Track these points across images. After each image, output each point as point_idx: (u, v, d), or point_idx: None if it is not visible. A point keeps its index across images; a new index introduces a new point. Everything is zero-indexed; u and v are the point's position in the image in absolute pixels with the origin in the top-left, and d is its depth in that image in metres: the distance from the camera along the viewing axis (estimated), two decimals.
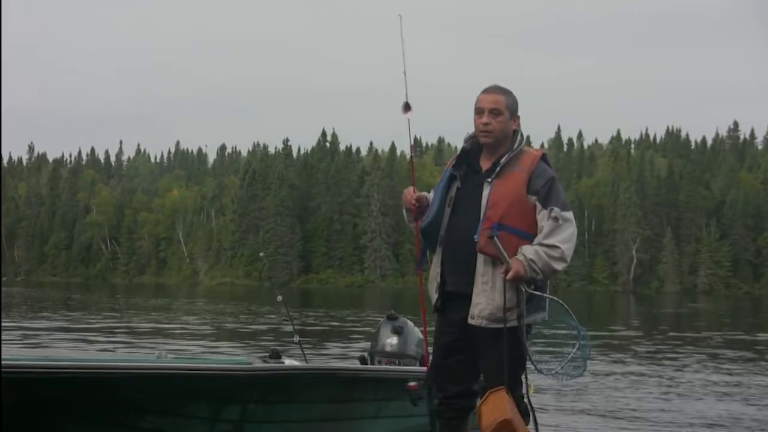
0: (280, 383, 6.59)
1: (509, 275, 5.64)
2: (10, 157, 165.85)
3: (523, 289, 5.71)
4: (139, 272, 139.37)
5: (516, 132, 5.99)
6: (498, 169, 5.85)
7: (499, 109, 5.88)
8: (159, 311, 37.59)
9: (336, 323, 30.17)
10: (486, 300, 5.75)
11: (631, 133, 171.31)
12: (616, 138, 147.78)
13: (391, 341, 7.71)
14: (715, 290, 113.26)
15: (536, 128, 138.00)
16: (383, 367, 7.43)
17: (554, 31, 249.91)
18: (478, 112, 5.94)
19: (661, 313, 50.07)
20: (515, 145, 5.93)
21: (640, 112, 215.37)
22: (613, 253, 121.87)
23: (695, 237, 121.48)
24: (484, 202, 5.80)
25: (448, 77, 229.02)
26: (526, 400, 5.89)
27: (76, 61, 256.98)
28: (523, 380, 5.92)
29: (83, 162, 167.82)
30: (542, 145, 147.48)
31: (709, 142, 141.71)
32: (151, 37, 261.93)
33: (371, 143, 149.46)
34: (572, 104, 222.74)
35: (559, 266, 5.72)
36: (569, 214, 5.83)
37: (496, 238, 5.66)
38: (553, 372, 5.89)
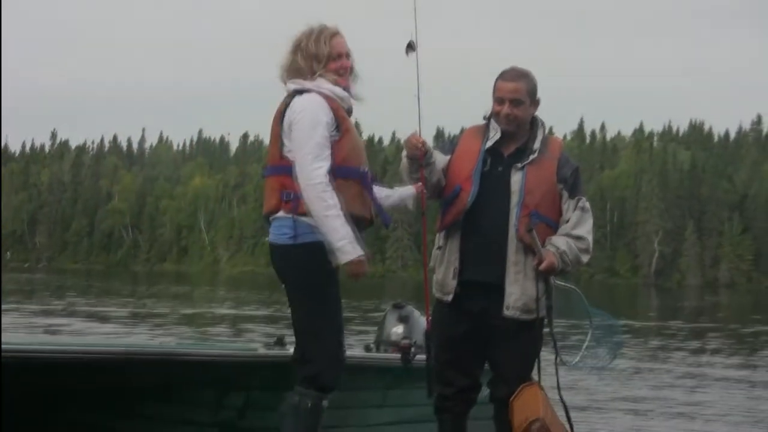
0: (284, 370, 6.53)
1: (543, 266, 5.50)
2: (33, 144, 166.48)
3: (552, 281, 5.65)
4: (160, 260, 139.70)
5: (536, 117, 5.80)
6: (533, 155, 5.67)
7: (519, 99, 5.65)
8: (178, 299, 37.66)
9: (351, 313, 30.09)
10: (519, 290, 5.59)
11: (654, 125, 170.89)
12: (639, 130, 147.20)
13: (397, 330, 7.60)
14: (737, 284, 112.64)
15: (559, 120, 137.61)
16: (387, 355, 7.33)
17: (577, 19, 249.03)
18: (498, 101, 5.71)
19: (681, 306, 49.93)
20: (540, 131, 5.77)
21: (664, 104, 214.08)
22: (635, 246, 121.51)
23: (717, 230, 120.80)
24: (516, 187, 5.61)
25: (478, 61, 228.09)
26: (558, 396, 5.69)
27: (97, 47, 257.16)
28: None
29: (105, 149, 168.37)
30: (564, 137, 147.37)
31: (732, 135, 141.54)
32: (174, 23, 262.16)
33: (393, 133, 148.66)
34: (595, 96, 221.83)
35: (585, 258, 5.66)
36: (589, 205, 5.74)
37: (534, 229, 5.51)
38: (574, 363, 5.85)
